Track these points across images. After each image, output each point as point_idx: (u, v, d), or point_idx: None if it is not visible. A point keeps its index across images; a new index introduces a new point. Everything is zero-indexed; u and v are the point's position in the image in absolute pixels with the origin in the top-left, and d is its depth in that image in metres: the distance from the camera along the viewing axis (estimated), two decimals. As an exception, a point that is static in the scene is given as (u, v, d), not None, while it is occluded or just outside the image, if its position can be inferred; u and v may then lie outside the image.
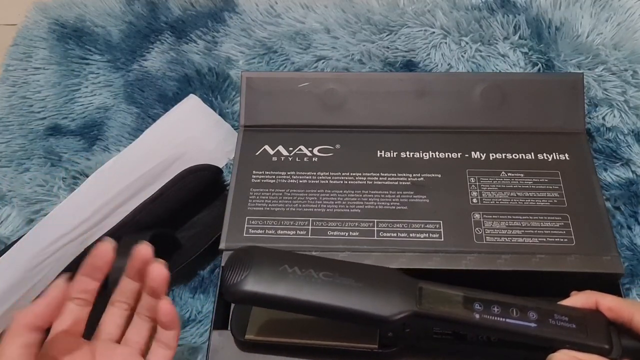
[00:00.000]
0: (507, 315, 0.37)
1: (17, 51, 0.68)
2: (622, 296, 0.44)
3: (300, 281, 0.38)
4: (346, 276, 0.38)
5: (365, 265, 0.41)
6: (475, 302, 0.38)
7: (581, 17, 0.63)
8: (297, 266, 0.38)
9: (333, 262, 0.40)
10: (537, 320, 0.37)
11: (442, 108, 0.52)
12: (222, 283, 0.40)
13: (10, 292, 0.48)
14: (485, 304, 0.38)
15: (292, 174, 0.49)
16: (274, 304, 0.38)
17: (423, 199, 0.48)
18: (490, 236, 0.45)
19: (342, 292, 0.38)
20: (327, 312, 0.38)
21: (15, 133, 0.63)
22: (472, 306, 0.37)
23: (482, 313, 0.37)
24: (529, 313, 0.37)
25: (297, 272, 0.38)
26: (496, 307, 0.37)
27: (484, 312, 0.37)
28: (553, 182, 0.48)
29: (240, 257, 0.39)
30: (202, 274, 0.52)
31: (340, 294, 0.37)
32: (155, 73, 0.65)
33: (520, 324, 0.37)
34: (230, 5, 0.69)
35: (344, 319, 0.38)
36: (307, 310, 0.38)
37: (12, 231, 0.55)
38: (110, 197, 0.51)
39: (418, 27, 0.64)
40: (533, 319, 0.37)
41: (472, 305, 0.37)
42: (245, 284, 0.37)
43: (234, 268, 0.38)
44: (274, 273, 0.38)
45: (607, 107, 0.57)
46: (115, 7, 0.70)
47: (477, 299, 0.38)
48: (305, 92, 0.53)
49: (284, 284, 0.38)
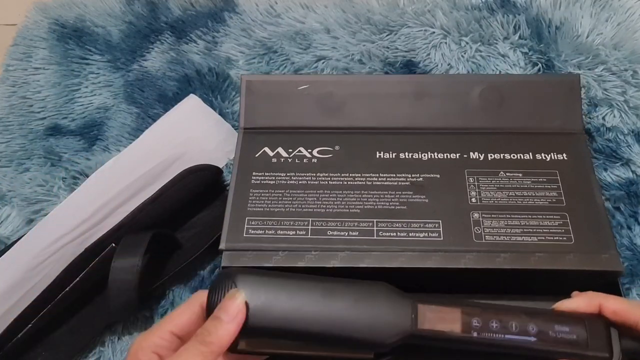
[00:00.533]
0: (506, 331, 0.36)
1: (17, 51, 0.68)
2: (622, 295, 0.44)
3: (292, 313, 0.36)
4: (338, 301, 0.36)
5: (356, 284, 0.38)
6: (473, 319, 0.37)
7: (581, 17, 0.63)
8: (286, 296, 0.36)
9: (323, 285, 0.38)
10: (537, 333, 0.36)
11: (440, 109, 0.52)
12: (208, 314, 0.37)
13: (10, 292, 0.48)
14: (483, 320, 0.37)
15: (292, 175, 0.50)
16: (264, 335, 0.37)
17: (422, 199, 0.48)
18: (489, 235, 0.45)
19: (335, 318, 0.36)
20: (321, 340, 0.37)
21: (15, 133, 0.63)
22: (470, 323, 0.36)
23: (481, 330, 0.36)
24: (529, 326, 0.36)
25: (287, 302, 0.36)
26: (495, 322, 0.36)
27: (482, 330, 0.36)
28: (551, 182, 0.48)
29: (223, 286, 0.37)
30: (202, 274, 0.52)
31: (333, 321, 0.36)
32: (155, 73, 0.65)
33: (520, 338, 0.36)
34: (230, 5, 0.69)
35: (338, 345, 0.37)
36: (298, 339, 0.37)
37: (12, 231, 0.55)
38: (110, 197, 0.51)
39: (418, 27, 0.64)
40: (533, 332, 0.36)
41: (470, 321, 0.36)
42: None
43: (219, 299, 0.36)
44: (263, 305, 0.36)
45: (607, 107, 0.57)
46: (115, 7, 0.70)
47: (475, 314, 0.37)
48: (305, 95, 0.53)
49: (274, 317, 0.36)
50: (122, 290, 0.47)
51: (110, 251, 0.49)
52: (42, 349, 0.49)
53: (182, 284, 0.52)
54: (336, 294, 0.37)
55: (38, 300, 0.48)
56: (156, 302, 0.51)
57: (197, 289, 0.52)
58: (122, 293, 0.47)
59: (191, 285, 0.52)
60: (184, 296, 0.51)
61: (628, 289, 0.48)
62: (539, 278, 0.45)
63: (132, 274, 0.47)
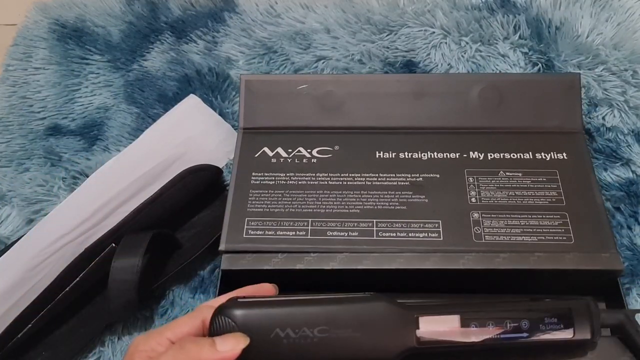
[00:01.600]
0: (502, 331, 0.38)
1: (17, 51, 0.68)
2: (622, 295, 0.44)
3: (296, 346, 0.36)
4: (341, 327, 0.37)
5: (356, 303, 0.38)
6: (471, 323, 0.38)
7: (581, 17, 0.63)
8: (289, 328, 0.37)
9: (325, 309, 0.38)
10: (529, 329, 0.38)
11: (440, 109, 0.52)
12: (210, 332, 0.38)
13: (10, 292, 0.48)
14: (480, 322, 0.38)
15: (292, 175, 0.50)
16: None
17: (422, 199, 0.48)
18: (489, 235, 0.45)
19: (340, 345, 0.37)
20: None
21: (15, 133, 0.63)
22: (469, 327, 0.38)
23: (479, 334, 0.38)
24: (521, 323, 0.38)
25: (290, 335, 0.36)
26: (491, 323, 0.38)
27: (480, 333, 0.38)
28: (551, 181, 0.48)
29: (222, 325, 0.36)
30: (202, 274, 0.52)
31: (338, 348, 0.37)
32: (155, 73, 0.65)
33: (514, 336, 0.38)
34: (230, 5, 0.69)
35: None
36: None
37: (12, 231, 0.55)
38: (110, 197, 0.52)
39: (418, 27, 0.64)
40: (525, 328, 0.38)
41: (469, 326, 0.38)
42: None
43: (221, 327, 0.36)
44: (266, 342, 0.36)
45: (607, 107, 0.57)
46: (115, 7, 0.70)
47: (472, 318, 0.38)
48: (304, 94, 0.53)
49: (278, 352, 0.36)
50: (122, 290, 0.47)
51: (110, 251, 0.49)
52: (42, 349, 0.49)
53: (182, 284, 0.52)
54: (339, 320, 0.37)
55: (38, 300, 0.48)
56: (156, 302, 0.51)
57: (197, 289, 0.52)
58: (122, 293, 0.47)
59: (191, 285, 0.52)
60: (184, 296, 0.51)
61: (628, 289, 0.48)
62: (539, 278, 0.45)
63: (133, 274, 0.47)
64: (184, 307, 0.51)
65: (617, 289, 0.45)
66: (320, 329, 0.37)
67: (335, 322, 0.37)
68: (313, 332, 0.37)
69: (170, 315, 0.51)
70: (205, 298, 0.51)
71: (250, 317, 0.37)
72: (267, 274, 0.44)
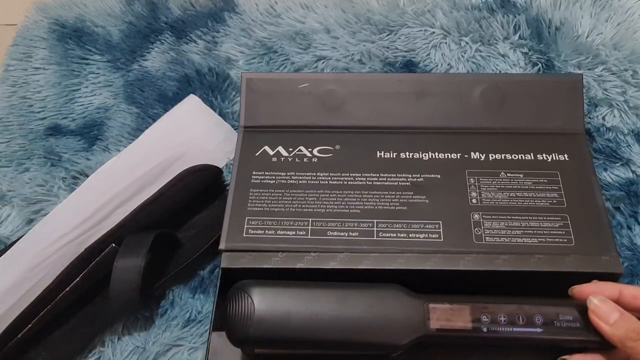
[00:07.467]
0: (514, 324, 0.38)
1: (17, 51, 0.68)
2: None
3: (308, 323, 0.37)
4: (353, 308, 0.38)
5: (369, 288, 0.40)
6: (482, 315, 0.38)
7: (581, 17, 0.63)
8: (302, 306, 0.38)
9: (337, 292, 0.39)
10: (543, 324, 0.38)
11: (441, 109, 0.52)
12: (227, 327, 0.39)
13: (10, 292, 0.48)
14: (492, 315, 0.38)
15: (292, 175, 0.49)
16: (283, 346, 0.39)
17: (422, 200, 0.48)
18: (489, 236, 0.45)
19: (352, 325, 0.38)
20: (338, 347, 0.38)
21: (15, 133, 0.63)
22: (480, 319, 0.38)
23: (490, 325, 0.38)
24: (535, 318, 0.38)
25: (303, 313, 0.38)
26: (503, 316, 0.38)
27: (491, 324, 0.38)
28: (552, 183, 0.48)
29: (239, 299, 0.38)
30: (202, 274, 0.52)
31: (350, 328, 0.37)
32: (155, 73, 0.65)
33: (527, 330, 0.38)
34: (230, 5, 0.69)
35: (355, 350, 0.39)
36: (317, 347, 0.39)
37: (12, 231, 0.55)
38: (110, 197, 0.51)
39: (418, 27, 0.64)
40: (539, 323, 0.38)
41: (480, 318, 0.38)
42: (251, 332, 0.37)
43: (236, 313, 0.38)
44: (280, 318, 0.37)
45: (607, 107, 0.57)
46: (115, 7, 0.70)
47: (484, 311, 0.38)
48: (305, 93, 0.53)
49: (292, 329, 0.37)
50: (124, 290, 0.47)
51: (111, 251, 0.49)
52: (42, 349, 0.49)
53: (182, 284, 0.52)
54: (351, 301, 0.38)
55: (38, 300, 0.47)
56: (156, 302, 0.51)
57: (197, 289, 0.52)
58: (124, 293, 0.47)
59: (191, 285, 0.52)
60: (184, 296, 0.51)
61: (628, 289, 0.48)
62: (539, 280, 0.44)
63: (135, 274, 0.47)
64: (183, 307, 0.51)
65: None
66: (332, 308, 0.38)
67: (347, 302, 0.38)
68: (324, 310, 0.38)
69: (170, 315, 0.51)
70: (205, 298, 0.51)
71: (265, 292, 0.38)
72: (267, 272, 0.44)
